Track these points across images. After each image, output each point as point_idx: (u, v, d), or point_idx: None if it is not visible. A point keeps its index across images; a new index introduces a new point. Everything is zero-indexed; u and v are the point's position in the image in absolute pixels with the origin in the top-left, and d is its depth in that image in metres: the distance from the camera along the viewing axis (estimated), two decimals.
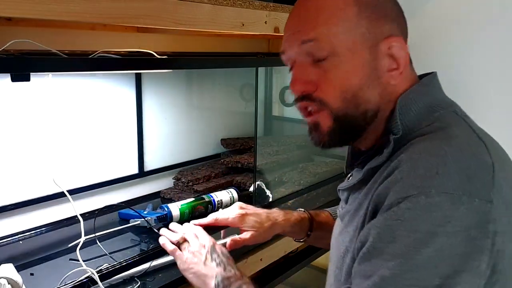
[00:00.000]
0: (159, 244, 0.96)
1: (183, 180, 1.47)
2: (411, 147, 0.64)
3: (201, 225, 0.99)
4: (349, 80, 0.68)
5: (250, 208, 1.03)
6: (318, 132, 0.72)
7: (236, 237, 0.98)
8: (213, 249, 0.89)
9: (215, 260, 0.87)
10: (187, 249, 0.90)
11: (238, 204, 1.04)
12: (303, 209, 1.08)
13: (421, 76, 0.74)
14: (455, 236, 0.55)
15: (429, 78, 0.73)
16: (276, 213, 1.03)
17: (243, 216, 0.99)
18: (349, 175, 0.80)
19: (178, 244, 0.92)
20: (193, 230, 0.95)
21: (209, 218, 1.00)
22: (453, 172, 0.58)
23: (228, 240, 0.98)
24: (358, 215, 0.69)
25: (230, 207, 1.04)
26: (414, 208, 0.57)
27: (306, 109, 0.72)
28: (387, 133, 0.69)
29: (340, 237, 0.76)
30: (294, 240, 1.07)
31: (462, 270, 0.55)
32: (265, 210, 1.04)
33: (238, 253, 1.17)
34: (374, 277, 0.58)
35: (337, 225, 0.82)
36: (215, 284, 0.82)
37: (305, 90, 0.70)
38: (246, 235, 0.98)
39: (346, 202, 0.78)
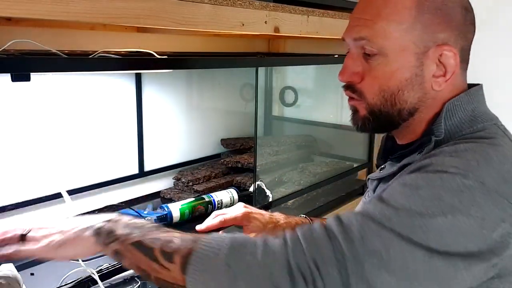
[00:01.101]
0: None
1: (183, 180, 1.47)
2: (454, 145, 0.66)
3: (209, 228, 0.97)
4: (390, 81, 0.71)
5: (254, 209, 1.03)
6: (355, 116, 0.77)
7: None
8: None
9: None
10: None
11: (241, 204, 1.05)
12: (304, 215, 1.08)
13: (470, 86, 0.75)
14: (475, 219, 0.58)
15: (476, 89, 0.74)
16: (278, 216, 1.04)
17: (248, 215, 1.00)
18: (381, 166, 0.82)
19: None
20: None
21: (217, 220, 0.99)
22: (493, 170, 0.61)
23: None
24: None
25: (234, 206, 1.03)
26: (448, 182, 0.59)
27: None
28: (428, 134, 0.71)
29: None
30: None
31: (469, 251, 0.57)
32: (267, 212, 1.04)
33: None
34: (376, 213, 0.59)
35: None
36: (95, 232, 0.66)
37: (350, 80, 0.74)
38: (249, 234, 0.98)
39: (374, 191, 0.80)
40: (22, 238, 0.68)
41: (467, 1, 0.72)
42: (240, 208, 1.01)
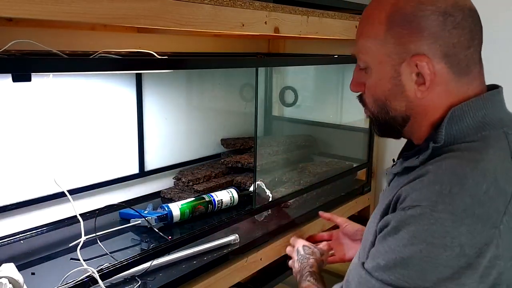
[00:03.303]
0: (159, 243, 0.95)
1: (183, 180, 1.47)
2: (442, 160, 0.69)
3: (331, 220, 1.32)
4: (376, 90, 0.78)
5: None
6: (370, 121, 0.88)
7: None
8: (297, 249, 1.19)
9: (299, 259, 1.15)
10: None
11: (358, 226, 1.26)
12: None
13: (490, 87, 0.76)
14: (451, 249, 0.61)
15: (492, 93, 0.74)
16: None
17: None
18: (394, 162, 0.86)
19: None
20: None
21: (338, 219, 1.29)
22: (467, 195, 0.63)
23: None
24: (383, 203, 0.76)
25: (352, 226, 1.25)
26: (419, 217, 0.64)
27: None
28: (429, 139, 0.72)
29: (372, 217, 0.83)
30: None
31: (450, 280, 0.61)
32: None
33: (238, 253, 1.17)
34: (378, 260, 0.68)
35: None
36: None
37: (356, 90, 0.83)
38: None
39: (389, 184, 0.84)
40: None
41: (451, 4, 0.70)
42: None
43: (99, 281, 0.89)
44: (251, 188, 1.41)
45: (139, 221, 1.17)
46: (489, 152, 0.68)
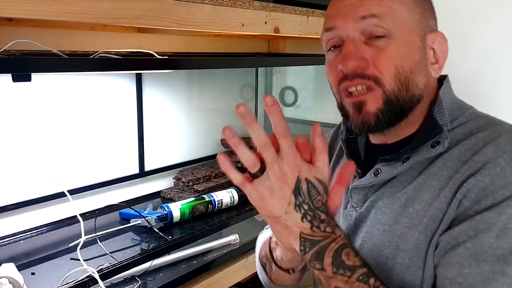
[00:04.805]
0: (159, 243, 0.95)
1: (183, 180, 1.47)
2: (493, 141, 0.64)
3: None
4: (403, 61, 0.66)
5: None
6: (362, 114, 0.67)
7: None
8: (298, 187, 0.57)
9: (300, 208, 0.57)
10: (263, 178, 0.58)
11: None
12: None
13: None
14: None
15: (447, 79, 0.74)
16: None
17: None
18: (371, 171, 0.71)
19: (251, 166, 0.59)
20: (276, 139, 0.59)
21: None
22: None
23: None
24: (427, 207, 0.65)
25: None
26: None
27: (347, 89, 0.68)
28: (431, 124, 0.67)
29: (384, 233, 0.68)
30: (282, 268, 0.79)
31: None
32: None
33: (238, 253, 1.17)
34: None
35: (349, 225, 0.74)
36: (300, 249, 0.58)
37: (359, 66, 0.65)
38: None
39: (364, 202, 0.72)
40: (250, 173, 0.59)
41: None
42: None
43: (99, 281, 0.89)
44: None
45: (139, 221, 1.17)
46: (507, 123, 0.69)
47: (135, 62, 0.96)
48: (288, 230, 0.58)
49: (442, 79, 0.73)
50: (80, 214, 1.05)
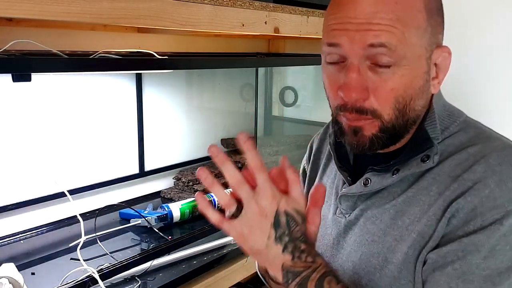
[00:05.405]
0: (159, 243, 0.95)
1: (183, 180, 1.47)
2: (483, 159, 0.62)
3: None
4: (405, 91, 0.62)
5: None
6: (357, 137, 0.66)
7: None
8: (278, 220, 0.57)
9: (280, 241, 0.58)
10: (242, 216, 0.58)
11: None
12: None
13: None
14: None
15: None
16: None
17: None
18: (361, 180, 0.71)
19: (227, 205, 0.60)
20: (251, 177, 0.59)
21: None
22: None
23: None
24: (416, 222, 0.65)
25: None
26: None
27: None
28: (422, 136, 0.66)
29: (371, 244, 0.69)
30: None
31: None
32: None
33: (238, 253, 1.17)
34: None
35: (337, 231, 0.74)
36: (283, 281, 0.59)
37: (359, 97, 0.63)
38: None
39: (353, 209, 0.72)
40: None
41: None
42: None
43: (99, 281, 0.89)
44: None
45: (139, 221, 1.17)
46: (501, 136, 0.67)
47: (135, 62, 0.96)
48: (270, 263, 0.59)
49: None
50: (80, 214, 1.05)
